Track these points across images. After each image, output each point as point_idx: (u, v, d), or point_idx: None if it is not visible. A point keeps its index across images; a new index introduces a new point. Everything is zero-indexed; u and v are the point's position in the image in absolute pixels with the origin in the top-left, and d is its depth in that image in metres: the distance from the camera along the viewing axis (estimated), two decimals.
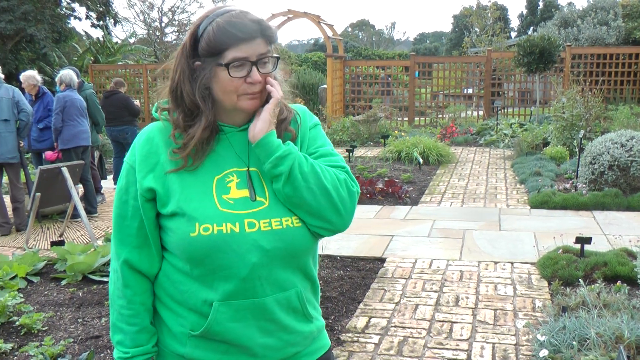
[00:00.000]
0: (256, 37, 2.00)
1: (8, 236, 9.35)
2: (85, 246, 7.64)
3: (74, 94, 10.29)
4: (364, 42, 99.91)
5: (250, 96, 2.04)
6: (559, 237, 7.72)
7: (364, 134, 19.20)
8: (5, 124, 9.26)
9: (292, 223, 2.05)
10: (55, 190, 8.93)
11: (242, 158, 2.12)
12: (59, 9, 32.18)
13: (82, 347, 5.26)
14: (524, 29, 64.52)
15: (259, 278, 2.02)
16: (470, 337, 5.25)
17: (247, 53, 1.99)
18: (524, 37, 21.06)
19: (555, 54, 19.08)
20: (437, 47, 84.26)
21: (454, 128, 19.48)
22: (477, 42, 34.69)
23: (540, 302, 5.98)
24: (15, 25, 28.60)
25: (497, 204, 10.43)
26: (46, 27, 29.55)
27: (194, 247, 1.99)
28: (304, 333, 2.19)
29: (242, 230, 1.99)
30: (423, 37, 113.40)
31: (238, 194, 2.06)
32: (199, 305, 2.06)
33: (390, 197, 10.92)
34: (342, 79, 23.99)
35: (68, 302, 6.37)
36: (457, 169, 14.04)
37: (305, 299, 2.17)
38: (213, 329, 2.06)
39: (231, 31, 1.98)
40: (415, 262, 7.39)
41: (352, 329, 5.48)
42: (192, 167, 2.07)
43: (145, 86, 25.07)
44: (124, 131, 12.67)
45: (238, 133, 2.14)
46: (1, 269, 6.93)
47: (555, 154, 13.48)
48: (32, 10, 28.80)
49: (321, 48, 63.97)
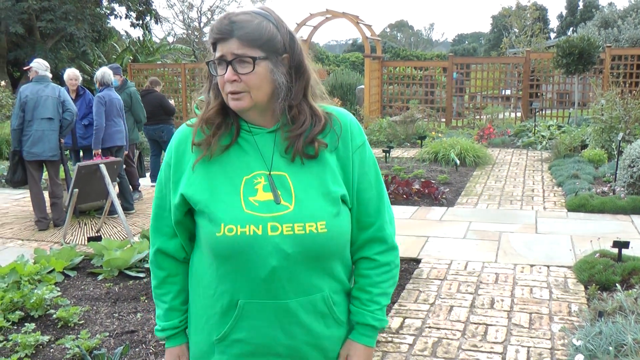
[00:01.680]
0: (229, 38, 2.02)
1: (46, 231, 9.46)
2: (122, 242, 7.70)
3: (112, 93, 10.40)
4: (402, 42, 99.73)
5: (231, 95, 2.05)
6: (596, 240, 7.64)
7: (400, 135, 19.16)
8: (49, 122, 9.39)
9: (317, 229, 2.05)
10: (93, 187, 9.01)
11: (266, 161, 2.12)
12: (99, 8, 32.51)
13: (117, 341, 5.31)
14: (563, 30, 63.97)
15: (280, 280, 2.04)
16: (505, 340, 5.22)
17: (222, 52, 2.03)
18: (563, 38, 20.86)
19: (594, 55, 18.91)
20: (475, 47, 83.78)
21: (491, 129, 19.37)
22: (516, 42, 34.45)
23: (577, 306, 5.93)
24: (55, 24, 28.96)
25: (533, 206, 10.35)
26: (86, 26, 29.89)
27: (219, 247, 2.03)
28: (333, 338, 2.20)
29: (264, 233, 2.01)
30: (461, 38, 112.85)
31: (264, 196, 2.07)
32: (225, 304, 2.10)
33: (426, 198, 10.88)
34: (379, 80, 23.95)
35: (104, 297, 6.43)
36: (494, 171, 13.96)
37: (334, 303, 2.17)
38: (238, 327, 2.09)
39: (212, 31, 2.05)
40: (450, 263, 7.36)
41: (387, 329, 5.47)
42: (209, 158, 2.11)
43: (183, 85, 25.22)
44: (160, 129, 12.77)
45: (267, 134, 2.15)
46: (39, 262, 7.01)
47: (593, 156, 13.35)
48: (73, 9, 29.14)
49: (359, 48, 63.89)
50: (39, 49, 29.42)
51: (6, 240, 8.97)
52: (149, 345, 5.20)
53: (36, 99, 9.35)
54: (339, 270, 2.19)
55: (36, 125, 9.31)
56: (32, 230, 9.51)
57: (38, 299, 5.88)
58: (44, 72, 9.71)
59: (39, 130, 9.32)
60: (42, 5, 28.60)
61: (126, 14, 34.55)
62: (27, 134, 9.34)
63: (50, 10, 28.89)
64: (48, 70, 9.87)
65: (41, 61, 9.90)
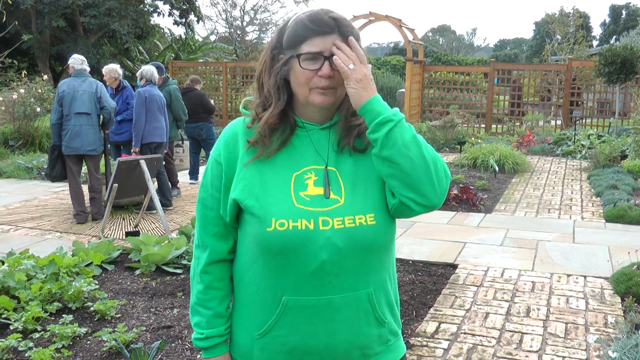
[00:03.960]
0: (331, 33, 2.03)
1: (84, 224, 9.56)
2: (160, 238, 7.75)
3: (154, 90, 10.46)
4: (444, 47, 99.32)
5: (321, 90, 2.06)
6: (634, 252, 7.56)
7: (440, 140, 19.13)
8: (86, 117, 9.48)
9: (366, 221, 2.06)
10: (132, 182, 9.08)
11: (322, 156, 2.14)
12: (142, 5, 32.78)
13: (154, 336, 5.35)
14: (606, 38, 63.43)
15: (328, 275, 2.04)
16: (540, 350, 5.19)
17: (320, 47, 2.02)
18: (605, 47, 20.67)
19: (637, 64, 18.73)
20: (517, 53, 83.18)
21: (531, 137, 19.26)
22: (558, 49, 34.17)
23: (613, 318, 5.88)
24: (99, 20, 29.27)
25: (571, 215, 10.28)
26: (129, 22, 30.19)
27: (269, 242, 2.03)
28: (373, 336, 2.19)
29: (316, 228, 2.02)
30: (503, 44, 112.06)
31: (314, 191, 2.09)
32: (268, 300, 2.11)
33: (464, 204, 10.85)
34: (420, 84, 23.91)
35: (141, 292, 6.49)
36: (532, 179, 13.88)
37: (377, 302, 2.17)
38: (280, 323, 2.10)
39: (308, 25, 2.03)
40: (487, 270, 7.34)
41: (422, 333, 5.47)
42: (266, 157, 2.11)
43: (224, 84, 25.34)
44: (199, 127, 12.85)
45: (320, 131, 2.17)
46: (78, 255, 7.09)
47: (633, 167, 13.23)
48: (117, 6, 29.45)
49: (401, 52, 63.76)
50: (81, 44, 29.76)
51: (45, 232, 9.08)
52: (185, 341, 5.24)
53: (73, 93, 9.45)
54: (384, 268, 2.20)
55: (74, 120, 9.41)
56: (70, 223, 9.62)
57: (76, 291, 5.95)
58: (80, 66, 9.79)
59: (77, 125, 9.42)
60: (87, 1, 28.90)
61: (169, 11, 34.82)
62: (66, 129, 9.45)
63: (94, 6, 29.20)
64: (85, 63, 9.93)
65: (77, 56, 9.97)
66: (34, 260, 6.72)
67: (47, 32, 30.15)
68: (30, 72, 27.83)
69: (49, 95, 18.11)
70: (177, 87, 11.77)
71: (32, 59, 32.10)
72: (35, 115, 17.74)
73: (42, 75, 22.32)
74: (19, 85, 18.13)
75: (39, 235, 8.92)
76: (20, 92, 17.43)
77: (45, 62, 31.22)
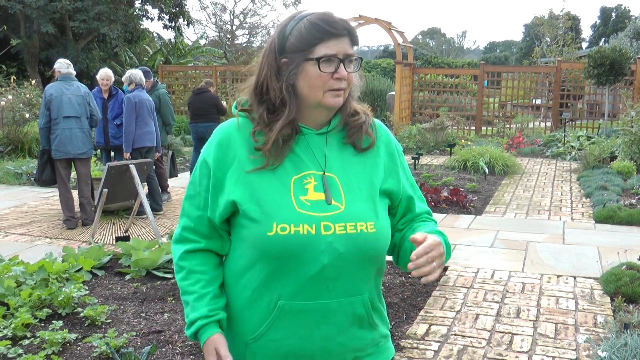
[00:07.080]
0: (344, 36, 2.06)
1: (74, 230, 9.53)
2: (150, 242, 7.75)
3: (142, 94, 10.45)
4: (434, 50, 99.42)
5: (336, 92, 2.08)
6: (623, 253, 7.59)
7: (430, 142, 19.17)
8: (76, 120, 9.47)
9: (367, 228, 2.08)
10: (123, 187, 9.06)
11: (320, 162, 2.15)
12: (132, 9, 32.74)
13: (144, 340, 5.35)
14: (596, 40, 63.63)
15: (326, 280, 2.05)
16: (530, 350, 5.21)
17: (335, 50, 2.04)
18: (594, 49, 20.73)
19: (626, 66, 18.79)
20: (507, 56, 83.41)
21: (520, 139, 19.31)
22: (548, 52, 34.28)
23: (602, 318, 5.89)
24: (88, 24, 29.21)
25: (561, 216, 10.30)
26: (119, 27, 30.12)
27: (270, 246, 2.03)
28: (366, 340, 2.21)
29: (318, 232, 2.03)
30: (493, 46, 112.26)
31: (315, 196, 2.09)
32: (263, 305, 2.11)
33: (454, 206, 10.87)
34: (410, 87, 23.92)
35: (131, 297, 6.48)
36: (522, 180, 13.91)
37: (372, 307, 2.20)
38: (275, 327, 2.10)
39: (323, 26, 2.04)
40: (477, 271, 7.35)
41: (412, 336, 5.48)
42: (272, 167, 2.11)
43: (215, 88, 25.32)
44: (211, 127, 12.88)
45: (316, 136, 2.17)
46: (68, 261, 7.08)
47: (622, 168, 13.27)
48: (106, 10, 29.39)
49: (391, 55, 63.86)
50: (71, 49, 29.68)
51: (35, 238, 9.05)
52: (175, 346, 5.24)
53: (61, 97, 9.43)
54: (378, 277, 2.25)
55: (63, 123, 9.39)
56: (60, 229, 9.59)
57: (66, 297, 5.94)
58: (66, 70, 9.77)
59: (66, 129, 9.40)
60: (75, 5, 28.84)
61: (159, 15, 34.77)
62: (55, 133, 9.42)
63: (83, 10, 29.13)
64: (71, 67, 9.92)
65: (63, 60, 9.96)
66: (23, 267, 6.70)
67: (36, 37, 30.07)
68: (20, 76, 27.77)
69: (38, 100, 18.09)
70: (166, 92, 11.78)
71: (22, 63, 32.02)
72: (24, 120, 17.71)
73: (31, 80, 22.28)
74: (7, 91, 18.11)
75: (29, 241, 8.90)
76: (9, 99, 17.40)
77: (34, 67, 31.13)
